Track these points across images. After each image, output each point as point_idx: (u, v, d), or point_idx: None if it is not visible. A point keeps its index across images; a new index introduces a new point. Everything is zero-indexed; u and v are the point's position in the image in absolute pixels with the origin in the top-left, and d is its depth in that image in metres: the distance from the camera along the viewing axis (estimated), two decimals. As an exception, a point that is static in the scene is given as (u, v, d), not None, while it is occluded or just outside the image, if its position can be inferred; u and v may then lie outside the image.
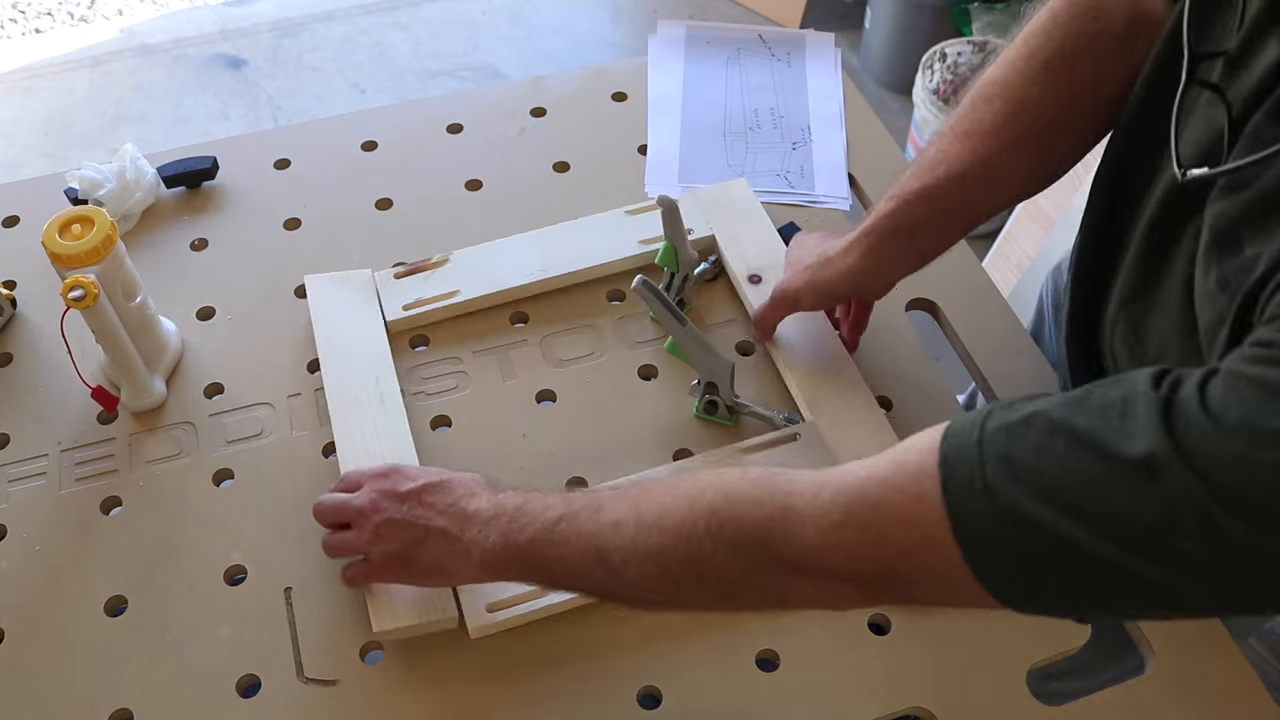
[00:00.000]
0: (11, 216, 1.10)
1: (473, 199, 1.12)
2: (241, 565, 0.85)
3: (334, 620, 0.82)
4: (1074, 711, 0.79)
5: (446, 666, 0.80)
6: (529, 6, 2.79)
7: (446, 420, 0.94)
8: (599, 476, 0.90)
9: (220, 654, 0.81)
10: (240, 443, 0.93)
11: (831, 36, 1.30)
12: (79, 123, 2.46)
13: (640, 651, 0.81)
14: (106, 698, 0.78)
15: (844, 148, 1.18)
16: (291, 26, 2.70)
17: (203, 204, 1.11)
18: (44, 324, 1.01)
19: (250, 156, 1.15)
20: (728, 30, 1.30)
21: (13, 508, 0.88)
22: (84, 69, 2.59)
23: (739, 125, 1.20)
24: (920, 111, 2.20)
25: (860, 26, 2.61)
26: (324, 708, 0.78)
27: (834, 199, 1.13)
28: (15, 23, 2.72)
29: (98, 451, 0.92)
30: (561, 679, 0.80)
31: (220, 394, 0.96)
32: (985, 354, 1.00)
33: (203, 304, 1.02)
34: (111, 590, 0.84)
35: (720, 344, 0.99)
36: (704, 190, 1.09)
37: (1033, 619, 0.82)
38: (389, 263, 1.04)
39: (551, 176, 1.14)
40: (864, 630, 0.83)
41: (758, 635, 0.82)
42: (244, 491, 0.90)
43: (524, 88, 1.24)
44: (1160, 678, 0.81)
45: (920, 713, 0.79)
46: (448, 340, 1.00)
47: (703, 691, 0.79)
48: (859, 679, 0.80)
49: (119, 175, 1.07)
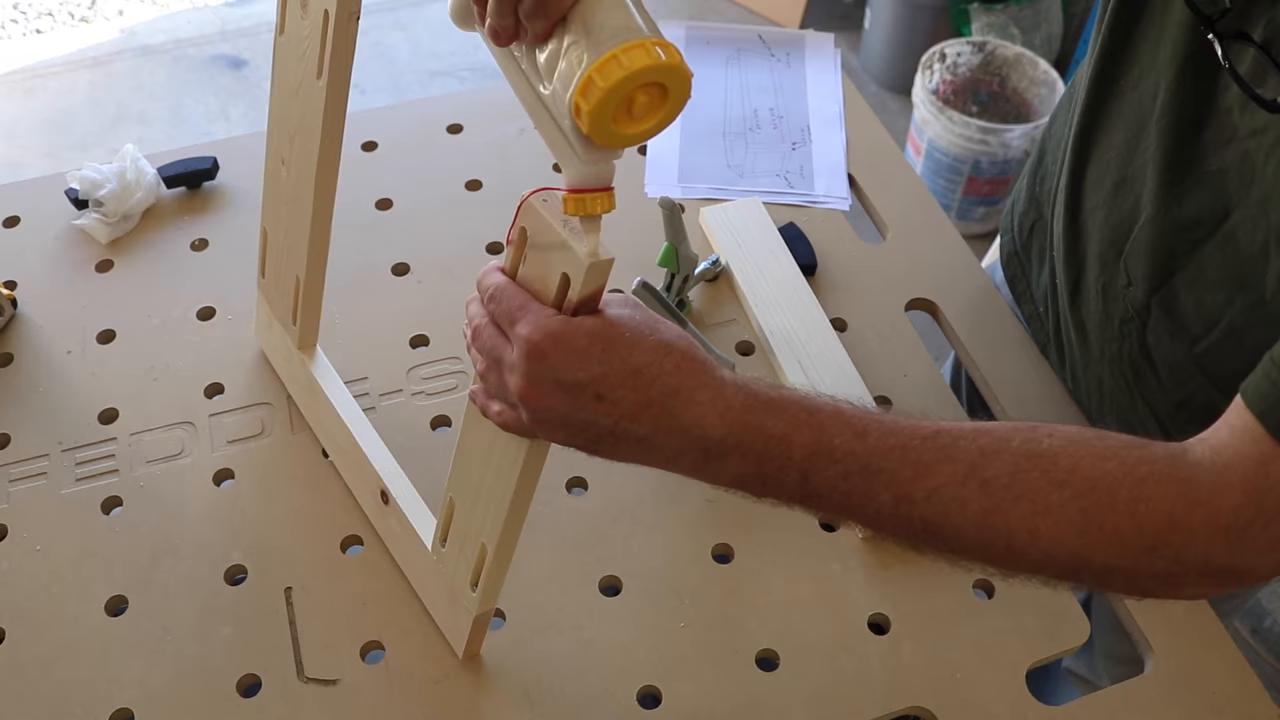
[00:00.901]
0: (12, 217, 1.10)
1: (473, 199, 1.12)
2: (241, 565, 0.85)
3: (334, 620, 0.82)
4: (1074, 711, 0.79)
5: (446, 666, 0.80)
6: (529, 7, 2.79)
7: (446, 420, 0.94)
8: (600, 476, 0.90)
9: (220, 654, 0.81)
10: (240, 443, 0.93)
11: (831, 37, 1.30)
12: (80, 123, 2.46)
13: (641, 651, 0.81)
14: (106, 698, 0.78)
15: (844, 148, 1.18)
16: (292, 27, 2.70)
17: (203, 204, 1.11)
18: (44, 324, 1.01)
19: (250, 156, 1.15)
20: (727, 31, 1.30)
21: (13, 508, 0.88)
22: (85, 69, 2.59)
23: (739, 125, 1.20)
24: (920, 112, 2.20)
25: (860, 27, 2.61)
26: (324, 708, 0.78)
27: (834, 199, 1.13)
28: (16, 23, 2.72)
29: (98, 451, 0.92)
30: (561, 679, 0.80)
31: (220, 394, 0.96)
32: (985, 354, 1.00)
33: (203, 304, 1.02)
34: (111, 590, 0.84)
35: (720, 344, 0.99)
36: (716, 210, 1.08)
37: (1032, 619, 0.82)
38: (389, 263, 1.05)
39: (551, 177, 1.14)
40: (864, 630, 0.83)
41: (758, 635, 0.82)
42: (244, 491, 0.90)
43: (524, 88, 1.24)
44: (1160, 678, 0.81)
45: (920, 713, 0.79)
46: (448, 340, 1.00)
47: (703, 691, 0.79)
48: (859, 679, 0.80)
49: (119, 175, 1.07)
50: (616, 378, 0.57)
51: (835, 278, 1.05)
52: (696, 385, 0.58)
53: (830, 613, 0.83)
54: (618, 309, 0.59)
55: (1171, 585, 0.58)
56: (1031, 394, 0.97)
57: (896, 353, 0.99)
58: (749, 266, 1.03)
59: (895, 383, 0.97)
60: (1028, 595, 0.84)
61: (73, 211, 1.08)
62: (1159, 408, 0.85)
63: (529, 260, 0.60)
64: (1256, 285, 0.70)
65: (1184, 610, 0.84)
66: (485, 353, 0.61)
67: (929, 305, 1.04)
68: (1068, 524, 0.56)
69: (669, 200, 0.95)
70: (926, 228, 1.10)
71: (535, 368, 0.57)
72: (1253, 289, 0.71)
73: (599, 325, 0.57)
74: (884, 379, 0.97)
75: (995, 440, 0.58)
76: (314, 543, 0.86)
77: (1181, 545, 0.56)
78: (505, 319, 0.59)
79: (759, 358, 0.99)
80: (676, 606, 0.83)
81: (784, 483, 0.59)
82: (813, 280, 1.04)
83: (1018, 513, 0.57)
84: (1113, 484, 0.56)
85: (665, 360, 0.58)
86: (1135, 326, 0.83)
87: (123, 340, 0.99)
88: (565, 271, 0.57)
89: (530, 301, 0.59)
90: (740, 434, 0.58)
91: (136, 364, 0.98)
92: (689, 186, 1.13)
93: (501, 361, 0.60)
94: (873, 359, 0.98)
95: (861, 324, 1.02)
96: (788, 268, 1.03)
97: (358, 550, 0.87)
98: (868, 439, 0.58)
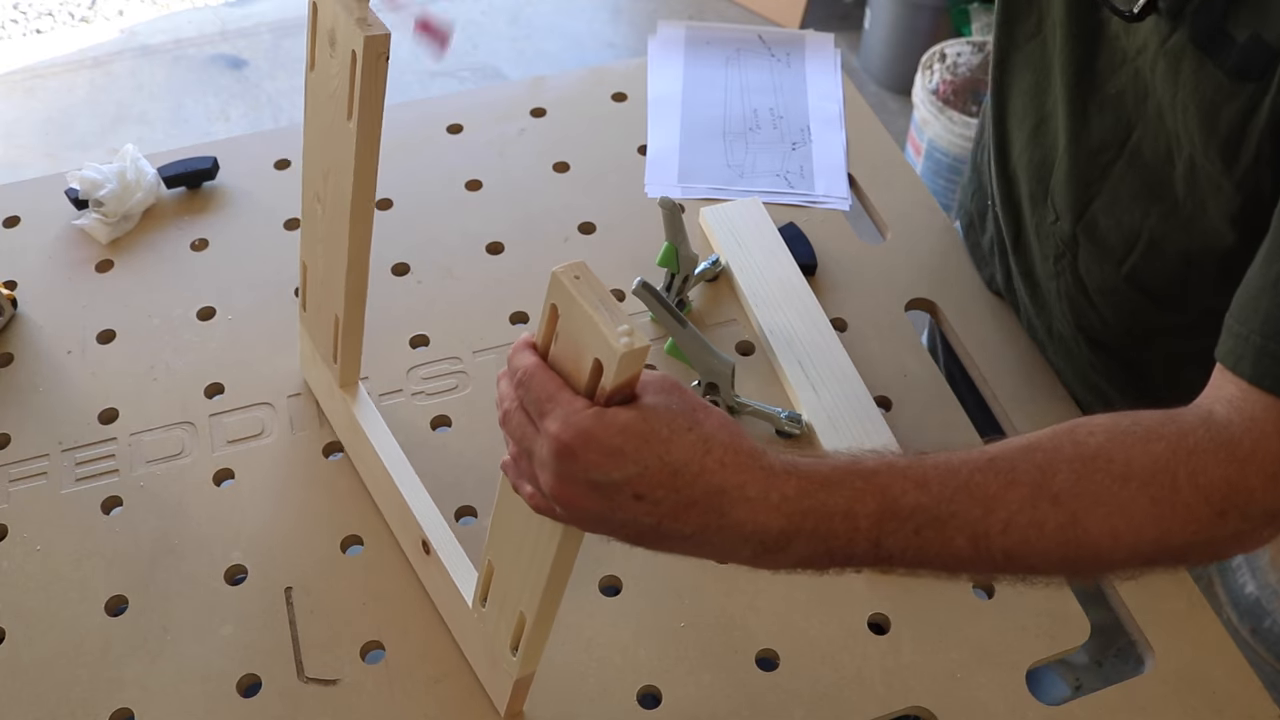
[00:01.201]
0: (12, 217, 1.10)
1: (473, 199, 1.12)
2: (242, 565, 0.85)
3: (334, 620, 0.82)
4: (1074, 711, 0.79)
5: (446, 666, 0.80)
6: (529, 7, 2.79)
7: (446, 420, 0.94)
8: (599, 476, 0.90)
9: (220, 654, 0.81)
10: (240, 443, 0.93)
11: (831, 37, 1.30)
12: (80, 123, 2.46)
13: (641, 651, 0.81)
14: (106, 698, 0.78)
15: (844, 148, 1.18)
16: (291, 26, 2.70)
17: (203, 204, 1.11)
18: (44, 324, 1.01)
19: (250, 156, 1.15)
20: (727, 31, 1.30)
21: (13, 508, 0.88)
22: (85, 69, 2.59)
23: (739, 125, 1.20)
24: (920, 112, 2.20)
25: (860, 27, 2.62)
26: (324, 708, 0.78)
27: (834, 199, 1.13)
28: (16, 23, 2.72)
29: (98, 451, 0.92)
30: (561, 679, 0.80)
31: (220, 394, 0.96)
32: (985, 354, 1.00)
33: (203, 304, 1.02)
34: (111, 590, 0.84)
35: (720, 344, 0.99)
36: (716, 210, 1.08)
37: (1032, 619, 0.82)
38: (389, 263, 1.05)
39: (551, 176, 1.14)
40: (864, 630, 0.83)
41: (758, 635, 0.82)
42: (244, 491, 0.90)
43: (524, 88, 1.24)
44: (1160, 678, 0.81)
45: (920, 712, 0.79)
46: (448, 340, 1.00)
47: (703, 691, 0.79)
48: (859, 679, 0.80)
49: (120, 175, 1.07)
50: (655, 477, 0.53)
51: (835, 278, 1.05)
52: (745, 481, 0.54)
53: (830, 613, 0.83)
54: (654, 396, 0.54)
55: (1246, 541, 0.60)
56: (1032, 394, 0.97)
57: (896, 353, 0.99)
58: (749, 266, 1.03)
59: (895, 383, 0.97)
60: (1028, 595, 0.84)
61: (73, 211, 1.08)
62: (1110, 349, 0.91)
63: (560, 339, 0.55)
64: (1167, 193, 0.76)
65: (1184, 610, 0.84)
66: (516, 441, 0.57)
67: (929, 305, 1.04)
68: (1143, 516, 0.57)
69: (669, 200, 0.95)
70: (926, 228, 1.10)
71: (566, 467, 0.53)
72: (1164, 197, 0.76)
73: (632, 420, 0.53)
74: (884, 379, 0.97)
75: (1048, 453, 0.58)
76: (314, 543, 0.86)
77: (1245, 503, 0.58)
78: (535, 409, 0.55)
79: (759, 358, 0.99)
80: (676, 606, 0.83)
81: (854, 554, 0.57)
82: (813, 280, 1.04)
83: (1094, 519, 0.57)
84: (1169, 465, 0.58)
85: (706, 458, 0.54)
86: (1068, 262, 0.88)
87: (123, 340, 0.99)
88: (598, 358, 0.53)
89: (560, 391, 0.54)
90: (801, 521, 0.55)
91: (136, 364, 0.98)
92: (689, 186, 1.13)
93: (532, 454, 0.56)
94: (873, 359, 0.98)
95: (861, 324, 1.02)
96: (788, 268, 1.03)
97: (358, 550, 0.87)
98: (930, 489, 0.57)
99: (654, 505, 0.54)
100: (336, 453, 0.92)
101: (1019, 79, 0.88)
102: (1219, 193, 0.72)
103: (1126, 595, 0.84)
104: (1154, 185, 0.77)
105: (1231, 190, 0.71)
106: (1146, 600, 0.84)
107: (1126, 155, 0.79)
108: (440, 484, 0.85)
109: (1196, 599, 0.85)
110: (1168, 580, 0.85)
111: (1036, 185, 0.89)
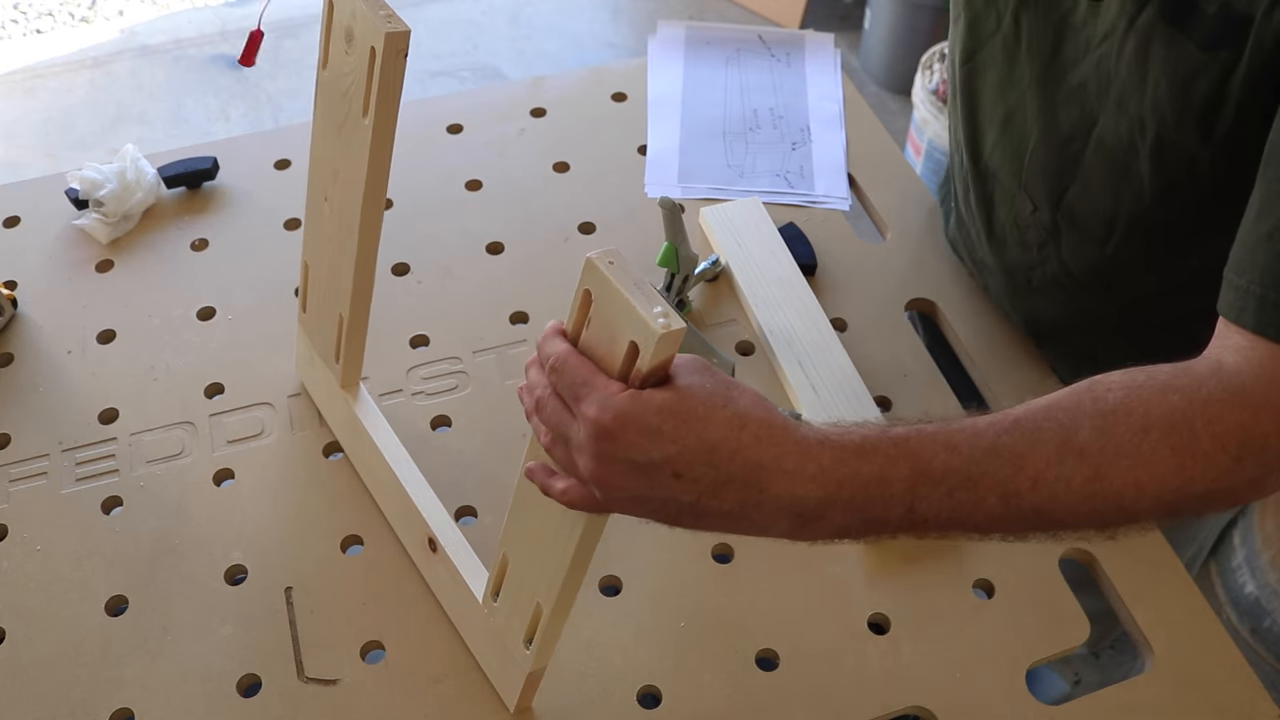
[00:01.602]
0: (12, 217, 1.10)
1: (473, 199, 1.12)
2: (242, 565, 0.85)
3: (334, 620, 0.82)
4: (1074, 711, 0.79)
5: (447, 666, 0.80)
6: (529, 7, 2.79)
7: (446, 420, 0.94)
8: (599, 476, 0.90)
9: (220, 654, 0.81)
10: (240, 443, 0.93)
11: (831, 37, 1.30)
12: (80, 123, 2.46)
13: (640, 651, 0.81)
14: (106, 698, 0.78)
15: (844, 148, 1.18)
16: (292, 26, 2.70)
17: (203, 204, 1.11)
18: (44, 324, 1.01)
19: (250, 156, 1.15)
20: (727, 31, 1.30)
21: (13, 508, 0.88)
22: (85, 69, 2.59)
23: (739, 125, 1.20)
24: (920, 112, 2.20)
25: (860, 27, 2.61)
26: (324, 708, 0.78)
27: (834, 199, 1.13)
28: (16, 23, 2.72)
29: (98, 451, 0.92)
30: (561, 679, 0.80)
31: (220, 394, 0.96)
32: (985, 354, 1.00)
33: (203, 304, 1.02)
34: (111, 590, 0.84)
35: (720, 344, 0.99)
36: (716, 210, 1.08)
37: (1032, 619, 0.82)
38: (389, 263, 1.04)
39: (551, 176, 1.14)
40: (864, 630, 0.83)
41: (758, 635, 0.82)
42: (244, 491, 0.90)
43: (524, 88, 1.24)
44: (1160, 678, 0.81)
45: (920, 712, 0.79)
46: (448, 340, 1.00)
47: (703, 691, 0.79)
48: (859, 679, 0.80)
49: (120, 175, 1.07)
50: (693, 455, 0.54)
51: (835, 278, 1.05)
52: (781, 454, 0.56)
53: (830, 613, 0.83)
54: (688, 376, 0.55)
55: (1262, 486, 0.61)
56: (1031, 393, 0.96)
57: (896, 353, 0.99)
58: (749, 266, 1.03)
59: (895, 383, 0.97)
60: (1028, 595, 0.84)
61: (73, 211, 1.08)
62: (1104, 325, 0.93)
63: (593, 325, 0.56)
64: (1135, 177, 0.78)
65: (1184, 610, 0.84)
66: (551, 428, 0.58)
67: (929, 305, 1.04)
68: (1165, 466, 0.59)
69: (669, 200, 0.95)
70: (926, 228, 1.10)
71: (606, 449, 0.55)
72: (1133, 180, 0.78)
73: (670, 400, 0.54)
74: (884, 379, 0.97)
75: (1069, 410, 0.60)
76: (314, 543, 0.86)
77: (1261, 448, 0.59)
78: (569, 394, 0.56)
79: (759, 358, 0.99)
80: (676, 606, 0.83)
81: (889, 519, 0.58)
82: (813, 280, 1.04)
83: (1118, 471, 0.58)
84: (1187, 415, 0.59)
85: (742, 434, 0.55)
86: (1052, 249, 0.89)
87: (123, 340, 0.99)
88: (634, 340, 0.53)
89: (594, 375, 0.55)
90: (837, 490, 0.56)
91: (136, 364, 0.98)
92: (689, 186, 1.13)
93: (569, 440, 0.57)
94: (873, 359, 0.98)
95: (861, 324, 1.02)
96: (788, 268, 1.03)
97: (358, 550, 0.87)
98: (960, 451, 0.58)
99: (693, 483, 0.55)
100: (336, 453, 0.92)
101: (987, 75, 0.89)
102: (1193, 166, 0.74)
103: (1127, 595, 0.84)
104: (1121, 171, 0.79)
105: (1208, 160, 0.72)
106: (1146, 600, 0.84)
107: (1093, 145, 0.80)
108: (440, 484, 0.85)
109: (1196, 599, 0.85)
110: (1168, 580, 0.85)
111: (1012, 177, 0.90)
